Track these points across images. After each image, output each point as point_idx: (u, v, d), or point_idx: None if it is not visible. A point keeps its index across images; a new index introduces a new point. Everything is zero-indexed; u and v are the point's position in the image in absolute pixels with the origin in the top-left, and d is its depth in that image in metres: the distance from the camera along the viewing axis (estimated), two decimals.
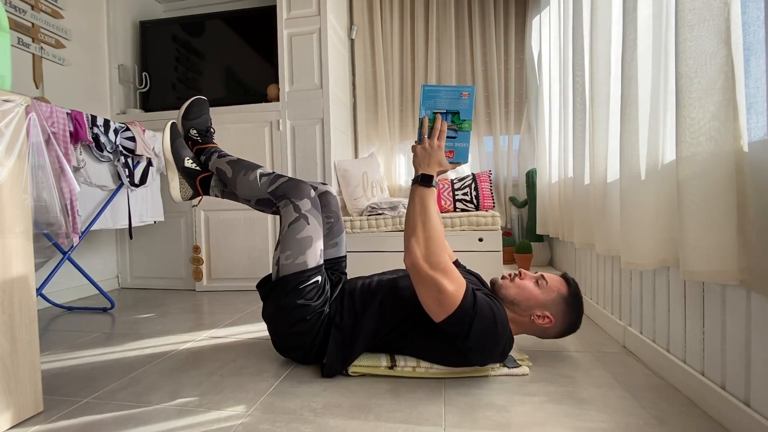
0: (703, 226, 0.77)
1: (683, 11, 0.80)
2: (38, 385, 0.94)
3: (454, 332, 0.97)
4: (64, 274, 1.98)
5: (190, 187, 1.32)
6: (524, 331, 1.12)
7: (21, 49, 1.91)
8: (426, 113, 1.05)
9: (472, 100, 1.05)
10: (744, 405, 0.77)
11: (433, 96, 1.05)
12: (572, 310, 1.10)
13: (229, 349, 1.35)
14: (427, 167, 1.01)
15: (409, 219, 1.00)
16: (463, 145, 1.06)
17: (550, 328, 1.10)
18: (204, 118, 1.37)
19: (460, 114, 1.04)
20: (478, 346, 0.97)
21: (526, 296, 1.09)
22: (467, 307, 0.94)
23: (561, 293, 1.10)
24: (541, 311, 1.08)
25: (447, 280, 0.94)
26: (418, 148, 1.04)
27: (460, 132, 1.05)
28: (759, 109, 0.78)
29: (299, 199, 1.14)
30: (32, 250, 0.94)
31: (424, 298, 0.97)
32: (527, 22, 2.58)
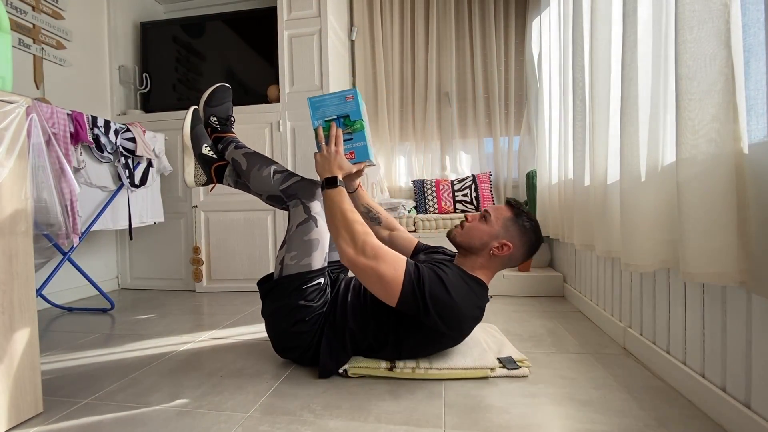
0: (703, 228, 0.77)
1: (683, 13, 0.80)
2: (38, 386, 0.93)
3: (415, 310, 0.97)
4: (64, 275, 1.98)
5: (205, 174, 1.33)
6: (496, 269, 1.14)
7: (22, 50, 1.92)
8: (318, 123, 1.13)
9: (357, 101, 1.11)
10: (744, 407, 0.77)
11: (320, 106, 1.12)
12: (525, 228, 1.12)
13: (228, 350, 1.35)
14: (329, 172, 1.08)
15: (330, 223, 1.04)
16: (360, 144, 1.13)
17: (514, 253, 1.11)
18: (226, 105, 1.37)
19: (349, 116, 1.12)
20: (443, 314, 0.98)
21: (477, 235, 1.11)
22: (412, 282, 0.96)
23: (507, 217, 1.12)
24: (497, 242, 1.10)
25: (382, 264, 0.96)
26: (317, 155, 1.11)
27: (354, 133, 1.12)
28: (759, 111, 0.78)
29: (310, 201, 1.15)
30: (32, 250, 0.94)
31: (372, 288, 0.99)
32: (527, 24, 2.58)
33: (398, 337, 1.08)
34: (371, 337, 1.09)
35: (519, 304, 1.90)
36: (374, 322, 1.09)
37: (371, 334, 1.09)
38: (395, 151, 2.81)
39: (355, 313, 1.10)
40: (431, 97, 2.74)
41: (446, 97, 2.75)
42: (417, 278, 0.97)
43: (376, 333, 1.09)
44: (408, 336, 1.07)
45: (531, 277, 2.08)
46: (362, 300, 1.12)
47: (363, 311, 1.10)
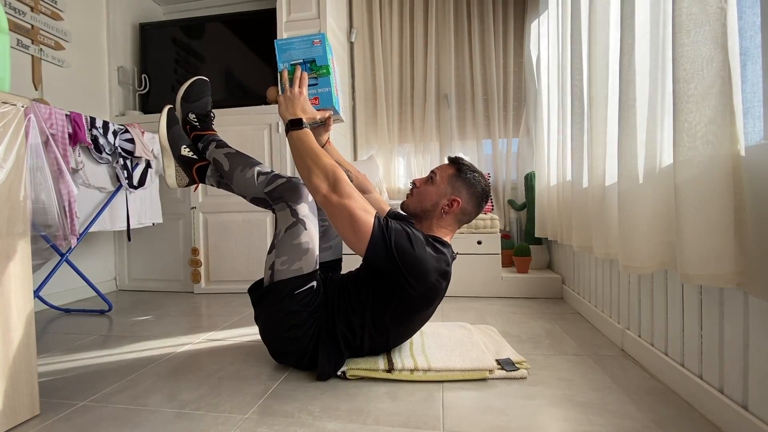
0: (701, 230, 0.77)
1: (680, 16, 0.80)
2: (35, 388, 0.93)
3: (383, 259, 0.98)
4: (61, 276, 1.97)
5: (186, 175, 1.29)
6: (453, 227, 1.16)
7: (20, 50, 1.91)
8: (284, 66, 1.11)
9: (324, 46, 1.10)
10: (742, 408, 0.77)
11: (287, 49, 1.11)
12: (470, 181, 1.14)
13: (227, 351, 1.35)
14: (293, 114, 1.06)
15: (299, 163, 1.02)
16: (325, 90, 1.12)
17: (465, 207, 1.14)
18: (204, 100, 1.32)
19: (316, 61, 1.10)
20: (407, 263, 0.98)
21: (427, 197, 1.15)
22: (382, 228, 0.98)
23: (451, 174, 1.15)
24: (446, 199, 1.13)
25: (356, 204, 0.97)
26: (280, 97, 1.09)
27: (320, 78, 1.11)
28: (755, 113, 0.78)
29: (296, 203, 1.11)
30: (30, 251, 0.94)
31: (341, 229, 0.99)
32: (526, 26, 2.59)
33: (375, 313, 1.07)
34: (357, 328, 1.09)
35: (517, 305, 1.90)
36: (355, 315, 1.09)
37: (356, 326, 1.09)
38: (394, 153, 2.81)
39: (339, 314, 1.11)
40: (430, 99, 2.74)
41: (445, 98, 2.76)
42: (386, 225, 0.99)
43: (359, 321, 1.09)
44: (384, 309, 1.07)
45: (529, 278, 2.08)
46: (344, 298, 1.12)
47: (345, 309, 1.10)
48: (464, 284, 2.09)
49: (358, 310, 1.09)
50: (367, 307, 1.08)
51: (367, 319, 1.08)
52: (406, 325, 1.13)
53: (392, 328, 1.10)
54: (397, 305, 1.06)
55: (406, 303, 1.06)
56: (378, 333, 1.10)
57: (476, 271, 2.10)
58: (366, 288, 1.09)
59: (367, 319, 1.08)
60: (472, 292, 2.10)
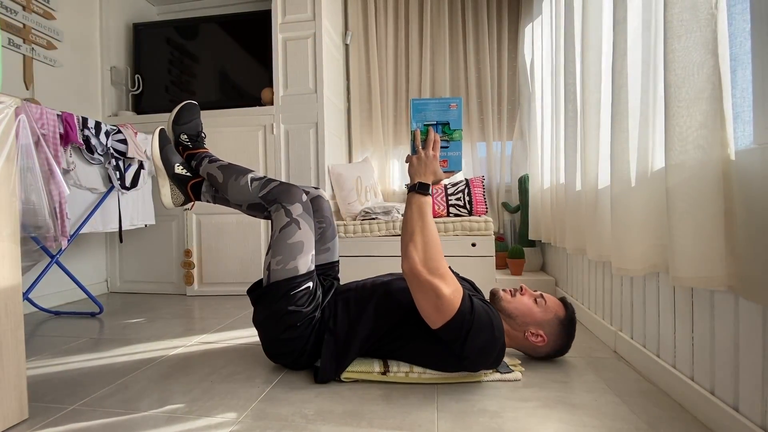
0: (692, 233, 0.78)
1: (672, 22, 0.82)
2: (23, 392, 0.92)
3: (451, 338, 0.97)
4: (51, 278, 1.94)
5: (182, 193, 1.31)
6: (515, 346, 1.15)
7: (12, 49, 1.89)
8: (417, 126, 1.10)
9: (460, 110, 1.10)
10: (733, 410, 0.78)
11: (422, 109, 1.10)
12: (566, 334, 1.13)
13: (220, 354, 1.33)
14: (423, 176, 1.04)
15: (407, 226, 1.01)
16: (455, 154, 1.11)
17: (542, 347, 1.13)
18: (195, 122, 1.36)
19: (450, 124, 1.10)
20: (473, 352, 0.98)
21: (523, 311, 1.12)
22: (465, 313, 0.95)
23: (558, 315, 1.13)
24: (536, 329, 1.11)
25: (445, 286, 0.94)
26: (413, 158, 1.07)
27: (451, 142, 1.10)
28: (745, 118, 0.79)
29: (290, 204, 1.14)
30: (19, 253, 0.92)
31: (422, 304, 0.97)
32: (520, 30, 2.61)
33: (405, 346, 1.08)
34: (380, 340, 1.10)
35: None
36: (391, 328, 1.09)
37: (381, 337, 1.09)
38: (389, 155, 2.81)
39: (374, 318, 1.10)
40: None
41: None
42: (470, 311, 0.96)
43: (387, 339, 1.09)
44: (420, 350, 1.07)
45: (523, 280, 2.09)
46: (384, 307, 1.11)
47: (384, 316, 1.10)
48: None
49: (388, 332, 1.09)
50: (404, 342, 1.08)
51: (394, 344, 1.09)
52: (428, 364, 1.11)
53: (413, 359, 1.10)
54: (437, 357, 1.06)
55: (440, 359, 1.06)
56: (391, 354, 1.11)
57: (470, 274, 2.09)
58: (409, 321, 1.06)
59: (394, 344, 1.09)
60: None
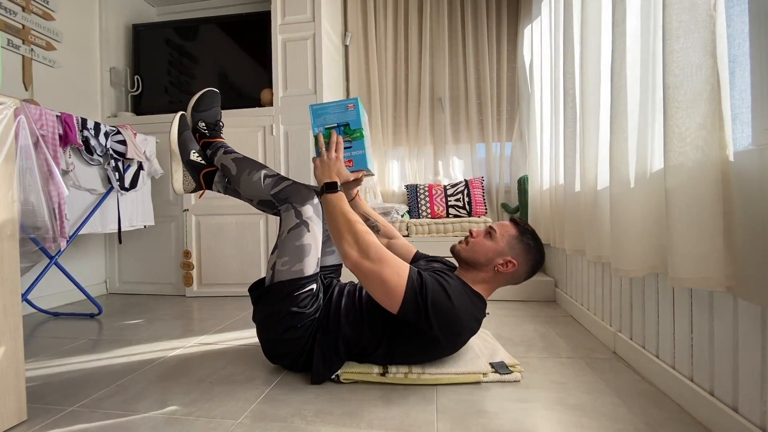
0: (691, 234, 0.78)
1: (670, 23, 0.82)
2: (22, 394, 0.91)
3: (416, 317, 0.97)
4: (50, 279, 1.94)
5: (194, 180, 1.31)
6: (497, 285, 1.15)
7: (11, 50, 1.89)
8: (319, 130, 1.14)
9: (357, 110, 1.13)
10: (732, 410, 0.78)
11: (321, 113, 1.14)
12: (530, 246, 1.13)
13: (219, 355, 1.33)
14: (329, 177, 1.09)
15: (332, 226, 1.04)
16: (359, 153, 1.14)
17: (518, 270, 1.13)
18: (214, 110, 1.36)
19: (350, 125, 1.13)
20: (442, 322, 0.98)
21: (482, 251, 1.13)
22: (415, 288, 0.97)
23: (513, 235, 1.13)
24: (502, 258, 1.11)
25: (386, 268, 0.97)
26: (317, 161, 1.12)
27: (354, 141, 1.14)
28: (744, 119, 0.80)
29: (301, 205, 1.13)
30: (18, 254, 0.92)
31: (374, 293, 0.99)
32: (519, 31, 2.62)
33: (392, 343, 1.08)
34: (365, 341, 1.09)
35: (511, 308, 1.90)
36: (369, 327, 1.09)
37: (365, 339, 1.09)
38: (388, 156, 2.81)
39: (349, 319, 1.10)
40: (424, 103, 2.75)
41: (439, 102, 2.77)
42: (420, 285, 0.97)
43: (370, 338, 1.08)
44: (402, 344, 1.07)
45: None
46: (358, 305, 1.12)
47: (359, 316, 1.10)
48: None
49: (372, 324, 1.09)
50: (384, 329, 1.08)
51: (381, 343, 1.08)
52: (417, 360, 1.12)
53: (401, 358, 1.11)
54: (417, 345, 1.07)
55: (427, 347, 1.07)
56: (385, 356, 1.10)
57: None
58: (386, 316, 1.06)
59: (381, 343, 1.08)
60: None
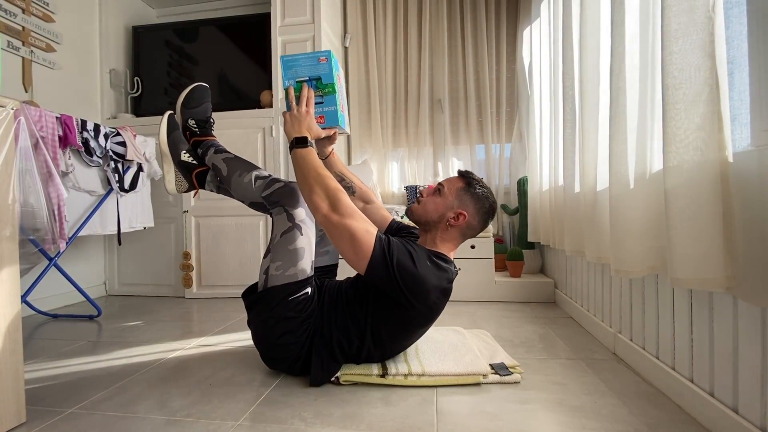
0: (690, 235, 0.78)
1: (669, 25, 0.82)
2: (21, 395, 0.91)
3: (383, 278, 0.97)
4: (49, 281, 1.94)
5: (186, 180, 1.29)
6: (457, 240, 1.16)
7: (11, 52, 1.89)
8: (290, 83, 1.09)
9: (330, 63, 1.08)
10: (732, 411, 0.78)
11: (292, 65, 1.08)
12: (478, 195, 1.14)
13: (218, 357, 1.33)
14: (298, 132, 1.06)
15: (302, 181, 1.03)
16: (331, 108, 1.10)
17: (471, 221, 1.13)
18: (204, 106, 1.32)
19: (321, 79, 1.09)
20: (408, 283, 0.98)
21: (433, 208, 1.14)
22: (383, 247, 0.98)
23: (460, 187, 1.14)
24: (453, 212, 1.12)
25: (356, 223, 0.96)
26: (287, 115, 1.08)
27: (325, 97, 1.10)
28: (743, 120, 0.80)
29: (293, 208, 1.11)
30: (18, 255, 0.92)
31: (342, 248, 0.98)
32: (518, 32, 2.62)
33: (375, 328, 1.07)
34: (354, 341, 1.09)
35: (510, 310, 1.90)
36: (353, 325, 1.09)
37: (354, 338, 1.09)
38: (388, 157, 2.82)
39: (336, 322, 1.10)
40: (424, 104, 2.75)
41: (439, 104, 2.77)
42: (387, 244, 0.99)
43: (357, 335, 1.08)
44: (383, 323, 1.07)
45: (522, 283, 2.09)
46: (340, 307, 1.11)
47: (342, 318, 1.10)
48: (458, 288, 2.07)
49: (357, 321, 1.09)
50: (366, 320, 1.08)
51: (366, 331, 1.08)
52: (404, 339, 1.13)
53: (389, 343, 1.10)
54: (396, 321, 1.07)
55: (405, 319, 1.07)
56: (375, 346, 1.10)
57: (470, 276, 2.11)
58: (365, 301, 1.08)
59: (366, 331, 1.08)
60: (466, 296, 2.10)
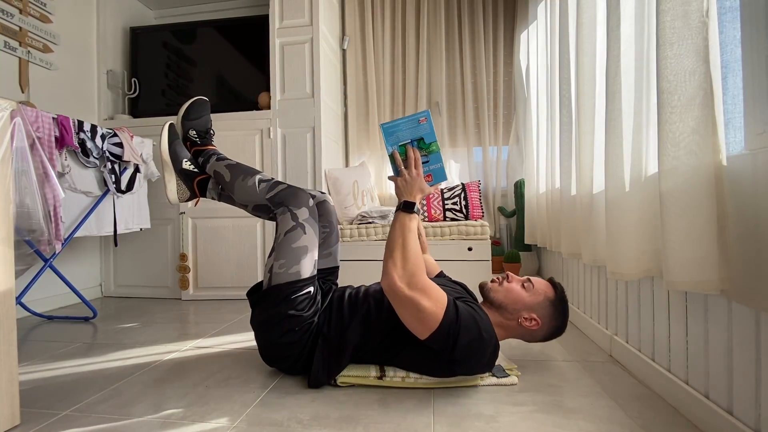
0: (685, 237, 0.79)
1: (664, 30, 0.83)
2: (15, 398, 0.90)
3: (440, 347, 0.97)
4: (45, 282, 1.93)
5: (188, 189, 1.31)
6: (512, 335, 1.14)
7: (7, 52, 1.89)
8: (393, 148, 1.10)
9: (429, 123, 1.10)
10: (727, 413, 0.79)
11: (394, 131, 1.10)
12: (559, 313, 1.13)
13: (215, 359, 1.33)
14: (410, 195, 1.05)
15: (389, 243, 1.02)
16: (437, 166, 1.11)
17: (537, 331, 1.11)
18: (204, 119, 1.36)
19: (424, 139, 1.09)
20: (464, 357, 0.98)
21: (513, 299, 1.11)
22: (450, 322, 0.95)
23: (548, 296, 1.12)
24: (528, 314, 1.10)
25: (426, 299, 0.94)
26: (398, 180, 1.07)
27: (431, 155, 1.10)
28: (736, 124, 0.81)
29: (297, 208, 1.14)
30: (13, 256, 0.92)
31: (406, 318, 0.97)
32: (515, 36, 2.64)
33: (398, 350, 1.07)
34: (373, 345, 1.09)
35: None
36: (380, 333, 1.08)
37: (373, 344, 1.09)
38: (385, 159, 2.82)
39: (353, 325, 1.09)
40: (422, 106, 2.76)
41: (436, 106, 2.78)
42: (455, 317, 0.96)
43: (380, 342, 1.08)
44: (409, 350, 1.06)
45: None
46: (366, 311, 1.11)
47: (366, 322, 1.09)
48: None
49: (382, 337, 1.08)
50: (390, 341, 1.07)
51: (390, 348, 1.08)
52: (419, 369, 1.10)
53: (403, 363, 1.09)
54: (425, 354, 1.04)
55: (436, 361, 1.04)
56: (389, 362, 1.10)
57: (467, 278, 2.10)
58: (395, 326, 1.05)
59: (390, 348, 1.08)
60: None
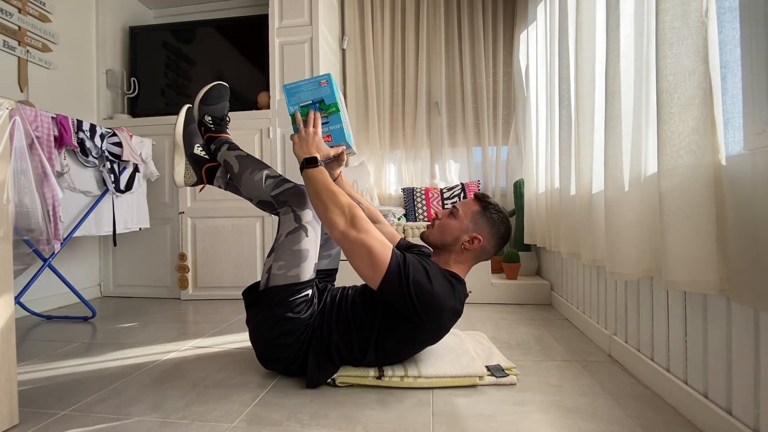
0: (684, 237, 0.79)
1: (663, 30, 0.83)
2: (14, 397, 0.90)
3: (397, 294, 0.97)
4: (44, 282, 1.93)
5: (195, 174, 1.31)
6: (471, 262, 1.16)
7: (6, 52, 1.88)
8: (295, 108, 1.15)
9: (331, 85, 1.15)
10: (726, 413, 0.79)
11: (295, 92, 1.15)
12: (494, 220, 1.14)
13: (214, 359, 1.32)
14: (308, 152, 1.09)
15: (316, 200, 1.04)
16: (336, 126, 1.16)
17: (485, 245, 1.14)
18: (222, 104, 1.35)
19: (324, 101, 1.15)
20: (423, 301, 0.98)
21: (448, 231, 1.14)
22: (399, 263, 0.98)
23: (475, 211, 1.15)
24: (468, 235, 1.12)
25: (373, 239, 0.98)
26: (295, 137, 1.12)
27: (330, 116, 1.15)
28: (736, 124, 0.81)
29: (301, 209, 1.12)
30: (11, 256, 0.92)
31: (358, 264, 0.99)
32: (515, 36, 2.64)
33: (379, 340, 1.07)
34: (356, 348, 1.08)
35: (507, 312, 1.91)
36: (356, 332, 1.08)
37: (355, 345, 1.08)
38: (385, 159, 2.82)
39: (338, 326, 1.09)
40: (421, 106, 2.76)
41: (436, 106, 2.78)
42: (403, 260, 0.99)
43: (360, 343, 1.08)
44: (389, 336, 1.06)
45: (519, 285, 2.10)
46: (344, 312, 1.11)
47: (345, 323, 1.09)
48: None
49: (361, 331, 1.08)
50: (372, 332, 1.07)
51: (369, 343, 1.08)
52: (407, 353, 1.13)
53: (391, 356, 1.10)
54: (403, 336, 1.06)
55: (413, 335, 1.07)
56: (376, 357, 1.09)
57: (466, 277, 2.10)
58: (373, 313, 1.07)
59: (369, 343, 1.08)
60: None
